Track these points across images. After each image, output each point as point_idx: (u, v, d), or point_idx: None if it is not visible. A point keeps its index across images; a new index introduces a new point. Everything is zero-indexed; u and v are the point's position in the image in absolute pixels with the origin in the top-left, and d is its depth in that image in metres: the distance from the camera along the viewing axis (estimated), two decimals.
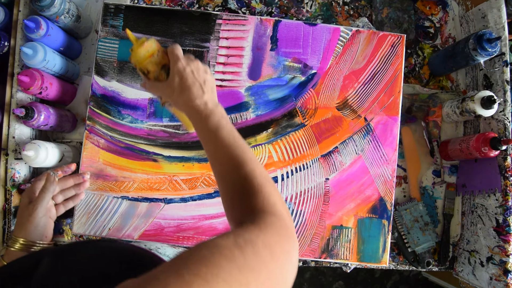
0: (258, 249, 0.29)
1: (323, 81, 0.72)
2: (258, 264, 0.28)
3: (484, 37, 0.67)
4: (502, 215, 0.68)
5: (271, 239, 0.32)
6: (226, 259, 0.27)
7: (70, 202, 0.60)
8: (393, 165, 0.71)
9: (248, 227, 0.33)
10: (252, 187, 0.39)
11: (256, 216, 0.35)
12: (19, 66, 0.69)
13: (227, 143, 0.43)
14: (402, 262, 0.77)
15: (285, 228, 0.35)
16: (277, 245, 0.32)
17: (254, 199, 0.38)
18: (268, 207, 0.37)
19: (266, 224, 0.34)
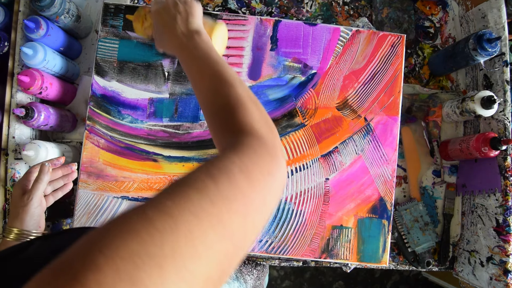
0: (233, 176, 0.27)
1: (323, 81, 0.72)
2: (233, 192, 0.26)
3: (484, 37, 0.67)
4: (502, 215, 0.68)
5: (248, 162, 0.29)
6: (197, 190, 0.24)
7: (59, 192, 0.61)
8: (393, 165, 0.71)
9: (224, 153, 0.30)
10: (230, 109, 0.36)
11: (234, 140, 0.33)
12: (19, 66, 0.69)
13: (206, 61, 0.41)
14: (402, 262, 0.77)
15: (264, 148, 0.32)
16: (255, 167, 0.29)
17: (232, 122, 0.35)
18: (245, 128, 0.34)
19: (243, 146, 0.31)
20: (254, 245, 0.69)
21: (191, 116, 0.71)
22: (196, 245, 0.21)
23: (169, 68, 0.71)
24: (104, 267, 0.18)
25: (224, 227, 0.24)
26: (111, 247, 0.19)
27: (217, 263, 0.23)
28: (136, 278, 0.18)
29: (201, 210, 0.23)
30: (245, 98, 0.37)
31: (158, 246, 0.20)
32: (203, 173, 0.26)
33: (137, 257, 0.19)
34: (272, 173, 0.30)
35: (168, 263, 0.20)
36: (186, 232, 0.21)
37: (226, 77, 0.39)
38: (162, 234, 0.20)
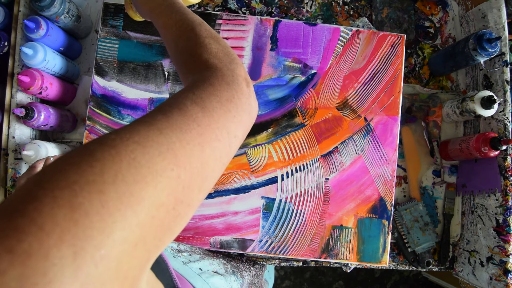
0: (185, 107, 0.27)
1: (323, 81, 0.72)
2: (186, 122, 0.25)
3: (484, 37, 0.67)
4: (502, 215, 0.68)
5: (203, 94, 0.29)
6: (144, 124, 0.24)
7: None
8: (393, 165, 0.71)
9: (179, 92, 0.30)
10: (189, 50, 0.36)
11: (192, 80, 0.33)
12: (19, 66, 0.69)
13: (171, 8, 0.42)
14: (402, 262, 0.77)
15: (221, 77, 0.31)
16: (211, 97, 0.29)
17: (191, 63, 0.35)
18: (202, 65, 0.34)
19: (198, 82, 0.31)
20: (255, 245, 0.69)
21: None
22: (141, 172, 0.21)
23: (169, 68, 0.71)
24: (42, 197, 0.18)
25: (175, 156, 0.23)
26: (50, 181, 0.19)
27: (169, 190, 0.22)
28: (75, 203, 0.18)
29: (147, 139, 0.23)
30: (202, 37, 0.37)
31: (98, 174, 0.20)
32: (155, 110, 0.26)
33: (76, 185, 0.19)
34: (231, 100, 0.30)
35: (109, 188, 0.19)
36: (130, 160, 0.21)
37: (185, 22, 0.39)
38: (103, 163, 0.20)
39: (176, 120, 0.25)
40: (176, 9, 0.42)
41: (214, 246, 0.68)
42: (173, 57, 0.41)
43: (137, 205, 0.20)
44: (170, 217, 0.23)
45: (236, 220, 0.69)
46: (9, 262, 0.16)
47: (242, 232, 0.69)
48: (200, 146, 0.25)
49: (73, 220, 0.18)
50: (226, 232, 0.69)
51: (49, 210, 0.18)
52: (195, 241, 0.68)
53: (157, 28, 0.45)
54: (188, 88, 0.30)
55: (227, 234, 0.69)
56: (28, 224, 0.17)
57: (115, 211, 0.19)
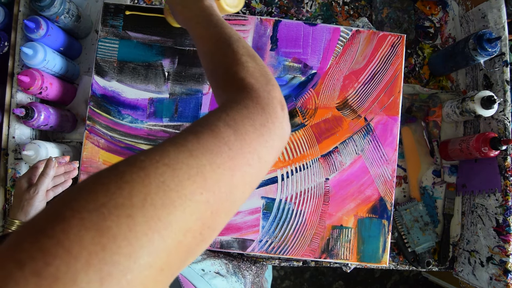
0: (218, 130, 0.26)
1: (323, 81, 0.72)
2: (218, 145, 0.25)
3: (484, 37, 0.67)
4: (502, 215, 0.68)
5: (236, 116, 0.28)
6: (175, 145, 0.23)
7: (59, 187, 0.62)
8: (393, 165, 0.71)
9: (212, 112, 0.29)
10: (225, 67, 0.35)
11: (226, 98, 0.32)
12: (19, 66, 0.69)
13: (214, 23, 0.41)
14: (402, 262, 0.77)
15: (255, 99, 0.30)
16: (244, 120, 0.28)
17: (226, 80, 0.34)
18: (238, 83, 0.33)
19: (232, 102, 0.30)
20: (255, 245, 0.69)
21: (191, 116, 0.71)
22: (170, 196, 0.21)
23: (169, 68, 0.71)
24: (70, 219, 0.18)
25: (205, 180, 0.23)
26: (78, 201, 0.19)
27: (197, 215, 0.22)
28: (103, 227, 0.18)
29: (177, 162, 0.22)
30: (239, 54, 0.36)
31: (127, 198, 0.19)
32: (186, 130, 0.25)
33: (105, 208, 0.18)
34: (265, 125, 0.29)
35: (137, 213, 0.19)
36: (159, 183, 0.21)
37: (222, 37, 0.39)
38: (132, 186, 0.20)
39: (207, 142, 0.24)
40: (214, 22, 0.41)
41: (214, 246, 0.68)
42: (207, 70, 0.40)
43: (165, 230, 0.20)
44: (196, 241, 0.22)
45: (236, 220, 0.69)
46: (36, 285, 0.16)
47: (242, 232, 0.69)
48: (230, 170, 0.25)
49: (101, 244, 0.17)
50: (226, 232, 0.69)
51: (77, 232, 0.17)
52: None
53: (192, 38, 0.45)
54: (222, 108, 0.29)
55: (227, 234, 0.69)
56: (55, 246, 0.17)
57: (143, 236, 0.19)
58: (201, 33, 0.42)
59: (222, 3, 0.53)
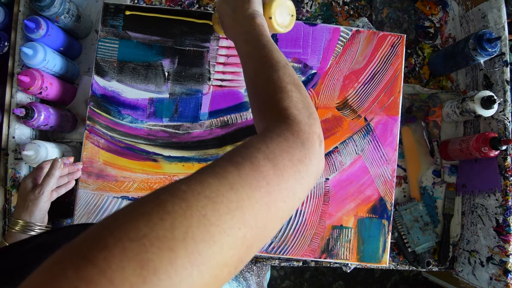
0: (257, 163, 0.25)
1: (323, 81, 0.72)
2: (257, 179, 0.25)
3: (484, 37, 0.67)
4: (502, 215, 0.68)
5: (276, 150, 0.27)
6: (216, 176, 0.23)
7: (63, 188, 0.62)
8: (393, 165, 0.71)
9: (252, 141, 0.28)
10: (269, 93, 0.35)
11: (267, 126, 0.32)
12: (19, 66, 0.69)
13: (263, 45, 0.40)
14: (402, 262, 0.77)
15: (296, 133, 0.30)
16: (283, 155, 0.27)
17: (269, 106, 0.34)
18: (281, 113, 0.32)
19: (273, 133, 0.29)
20: None
21: (191, 116, 0.71)
22: (210, 230, 0.21)
23: (169, 68, 0.71)
24: (112, 246, 0.18)
25: (243, 214, 0.23)
26: (120, 229, 0.19)
27: (234, 250, 0.22)
28: (144, 258, 0.18)
29: (218, 194, 0.22)
30: (285, 81, 0.35)
31: (169, 230, 0.19)
32: (226, 160, 0.25)
33: (146, 239, 0.19)
34: (304, 163, 0.29)
35: (178, 246, 0.19)
36: (200, 216, 0.21)
37: (270, 60, 0.38)
38: (174, 217, 0.20)
39: (247, 175, 0.24)
40: (263, 43, 0.41)
41: None
42: (249, 89, 0.39)
43: (203, 265, 0.20)
44: (230, 276, 0.23)
45: None
46: None
47: None
48: (267, 205, 0.25)
49: (142, 276, 0.17)
50: None
51: (119, 262, 0.17)
52: None
53: (238, 53, 0.44)
54: (261, 138, 0.29)
55: None
56: (97, 275, 0.17)
57: (182, 270, 0.19)
58: (249, 51, 0.41)
59: (274, 22, 0.51)
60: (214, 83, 0.71)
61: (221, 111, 0.71)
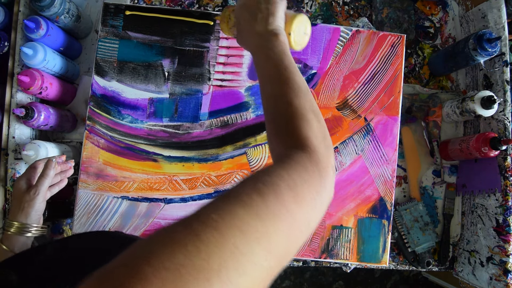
0: (280, 193, 0.26)
1: (323, 81, 0.72)
2: (280, 209, 0.26)
3: (484, 37, 0.67)
4: (502, 215, 0.68)
5: (297, 179, 0.28)
6: (244, 206, 0.24)
7: (56, 187, 0.62)
8: (393, 165, 0.71)
9: (274, 167, 0.29)
10: (289, 118, 0.35)
11: (287, 153, 0.32)
12: (19, 66, 0.69)
13: (281, 71, 0.39)
14: (402, 262, 0.77)
15: (316, 166, 0.31)
16: (304, 185, 0.29)
17: (289, 132, 0.35)
18: (301, 141, 0.33)
19: (294, 162, 0.30)
20: None
21: (191, 116, 0.71)
22: (241, 261, 0.21)
23: (169, 68, 0.71)
24: (150, 277, 0.18)
25: (270, 244, 0.24)
26: (157, 257, 0.19)
27: (260, 279, 0.23)
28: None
29: (248, 226, 0.23)
30: (306, 109, 0.36)
31: (205, 260, 0.20)
32: (250, 187, 0.26)
33: (184, 269, 0.19)
34: (320, 193, 0.30)
35: (213, 276, 0.20)
36: (232, 247, 0.21)
37: (292, 84, 0.38)
38: (208, 247, 0.21)
39: (272, 204, 0.25)
40: (286, 64, 0.40)
41: None
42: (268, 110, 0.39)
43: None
44: None
45: None
46: None
47: None
48: (287, 235, 0.26)
49: None
50: None
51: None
52: None
53: (256, 66, 0.43)
54: (282, 165, 0.30)
55: None
56: None
57: None
58: (270, 71, 0.40)
59: (292, 39, 0.49)
60: (214, 83, 0.71)
61: (221, 111, 0.71)
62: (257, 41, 0.44)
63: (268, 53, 0.42)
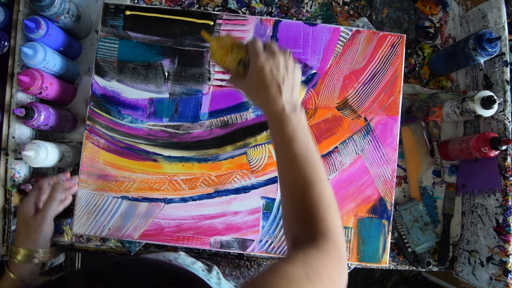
0: (323, 279, 0.32)
1: (323, 81, 0.72)
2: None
3: (484, 37, 0.67)
4: (502, 215, 0.68)
5: (330, 266, 0.34)
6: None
7: (61, 206, 0.60)
8: (393, 165, 0.71)
9: (311, 253, 0.34)
10: (317, 212, 0.38)
11: (317, 241, 0.36)
12: (19, 66, 0.69)
13: (298, 158, 0.40)
14: (402, 262, 0.77)
15: (339, 255, 0.36)
16: (335, 272, 0.34)
17: (318, 224, 0.38)
18: (328, 233, 0.37)
19: (327, 251, 0.35)
20: (255, 245, 0.69)
21: (191, 116, 0.71)
22: None
23: (169, 68, 0.71)
24: None
25: None
26: None
27: None
28: None
29: None
30: (327, 197, 0.39)
31: None
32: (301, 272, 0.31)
33: None
34: (342, 278, 0.35)
35: None
36: None
37: (317, 170, 0.40)
38: None
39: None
40: (310, 146, 0.41)
41: (214, 246, 0.68)
42: (286, 188, 0.41)
43: None
44: None
45: (236, 220, 0.69)
46: None
47: (242, 232, 0.69)
48: None
49: None
50: (226, 232, 0.69)
51: None
52: (195, 241, 0.68)
53: (273, 134, 0.44)
54: (320, 254, 0.35)
55: (227, 234, 0.69)
56: None
57: None
58: (289, 150, 0.41)
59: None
60: (214, 83, 0.71)
61: (221, 111, 0.71)
62: (277, 110, 0.43)
63: (289, 128, 0.42)
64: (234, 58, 0.48)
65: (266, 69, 0.44)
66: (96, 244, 0.74)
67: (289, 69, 0.45)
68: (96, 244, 0.74)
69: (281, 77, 0.44)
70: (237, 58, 0.48)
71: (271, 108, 0.43)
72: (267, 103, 0.44)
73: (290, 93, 0.44)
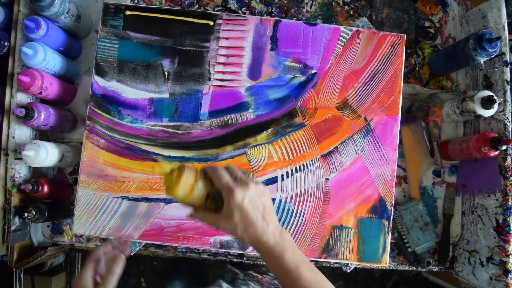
0: None
1: (323, 81, 0.72)
2: None
3: (484, 37, 0.67)
4: (502, 215, 0.68)
5: None
6: None
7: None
8: (393, 165, 0.71)
9: None
10: None
11: None
12: (19, 66, 0.69)
13: (309, 283, 0.42)
14: (402, 262, 0.77)
15: None
16: None
17: None
18: None
19: None
20: None
21: (191, 116, 0.71)
22: None
23: (169, 68, 0.71)
24: None
25: None
26: None
27: None
28: None
29: None
30: None
31: None
32: None
33: None
34: None
35: None
36: None
37: None
38: None
39: None
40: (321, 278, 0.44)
41: (214, 246, 0.68)
42: None
43: None
44: None
45: None
46: None
47: None
48: None
49: None
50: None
51: None
52: (195, 241, 0.68)
53: (276, 275, 0.45)
54: None
55: (227, 234, 0.69)
56: None
57: None
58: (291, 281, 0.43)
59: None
60: (214, 83, 0.71)
61: (221, 111, 0.71)
62: (268, 241, 0.43)
63: (282, 260, 0.43)
64: (202, 194, 0.44)
65: (246, 206, 0.42)
66: (96, 244, 0.74)
67: (263, 193, 0.44)
68: (96, 244, 0.74)
69: (261, 207, 0.43)
70: (204, 193, 0.44)
71: (262, 243, 0.43)
72: (257, 239, 0.43)
73: (273, 219, 0.44)
